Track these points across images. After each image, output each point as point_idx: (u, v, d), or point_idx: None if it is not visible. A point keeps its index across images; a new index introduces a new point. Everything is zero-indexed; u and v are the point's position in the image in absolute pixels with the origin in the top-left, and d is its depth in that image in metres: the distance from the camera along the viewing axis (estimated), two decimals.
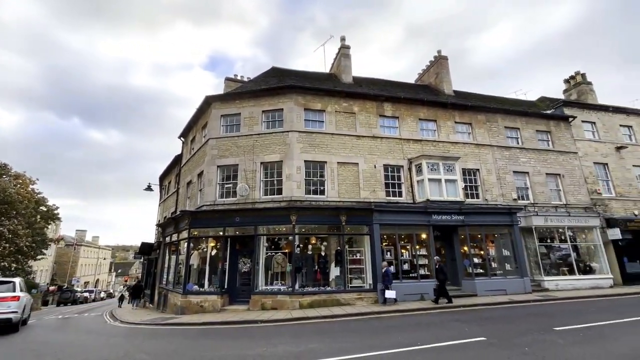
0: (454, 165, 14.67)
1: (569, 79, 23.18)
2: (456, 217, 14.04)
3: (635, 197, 18.07)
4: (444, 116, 16.33)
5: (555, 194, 16.79)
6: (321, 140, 14.11)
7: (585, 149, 18.16)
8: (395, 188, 14.63)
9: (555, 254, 15.65)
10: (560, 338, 6.53)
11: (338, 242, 13.08)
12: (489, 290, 13.36)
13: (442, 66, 19.51)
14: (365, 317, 10.03)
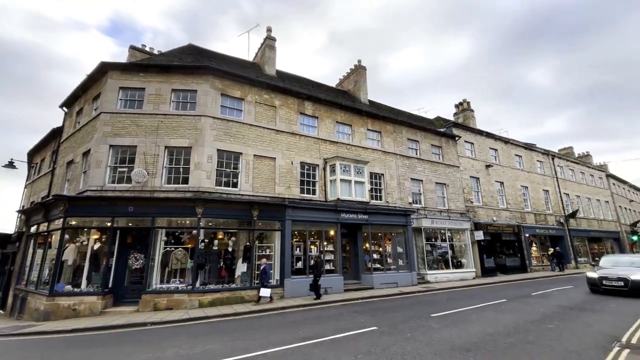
0: (364, 169, 15.81)
1: (458, 104, 27.56)
2: (361, 216, 15.15)
3: (495, 206, 22.57)
4: (359, 122, 17.45)
5: (441, 200, 19.70)
6: (238, 130, 13.43)
7: (465, 164, 21.83)
8: (310, 186, 14.95)
9: (437, 251, 18.37)
10: (435, 323, 7.62)
11: (248, 238, 12.66)
12: (384, 283, 14.83)
13: (360, 75, 20.84)
14: (269, 313, 9.93)
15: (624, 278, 11.00)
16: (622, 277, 11.08)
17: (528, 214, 24.80)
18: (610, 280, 11.34)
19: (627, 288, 10.84)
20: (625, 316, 8.08)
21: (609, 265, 12.71)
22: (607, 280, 11.44)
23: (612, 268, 12.11)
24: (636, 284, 10.72)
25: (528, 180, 26.13)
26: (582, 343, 5.87)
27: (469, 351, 5.47)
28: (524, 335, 6.42)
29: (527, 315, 8.37)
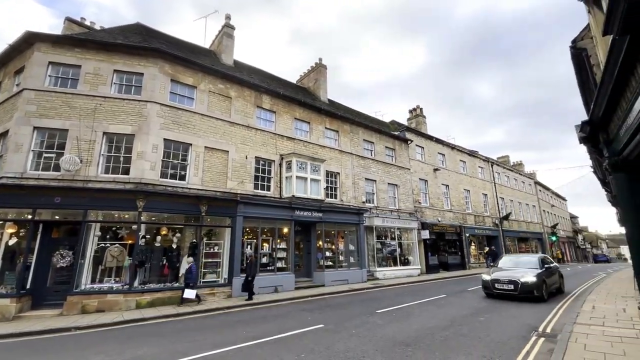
0: (320, 167, 15.84)
1: (412, 110, 28.90)
2: (316, 214, 15.18)
3: (440, 207, 24.10)
4: (317, 120, 17.45)
5: (392, 201, 20.51)
6: (188, 119, 12.62)
7: (415, 167, 22.99)
8: (264, 182, 14.59)
9: (387, 249, 19.11)
10: (380, 319, 7.85)
11: (195, 234, 11.99)
12: (335, 280, 15.04)
13: (321, 74, 20.86)
14: (214, 313, 9.49)
15: (515, 281, 10.09)
16: (513, 279, 10.16)
17: (469, 215, 26.89)
18: (502, 284, 10.36)
19: (516, 292, 9.96)
20: (544, 308, 9.07)
21: (509, 265, 11.66)
22: (498, 283, 10.46)
23: (506, 270, 11.07)
24: (526, 287, 9.85)
25: (470, 184, 28.32)
26: (506, 334, 6.43)
27: (409, 346, 5.69)
28: (458, 328, 6.86)
29: (463, 309, 9.00)
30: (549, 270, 11.18)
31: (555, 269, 12.10)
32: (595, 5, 6.69)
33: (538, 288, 9.90)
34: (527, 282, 9.96)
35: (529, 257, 12.36)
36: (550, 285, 10.85)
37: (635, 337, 5.68)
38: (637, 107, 4.83)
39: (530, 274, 10.26)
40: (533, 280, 9.98)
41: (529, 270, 10.55)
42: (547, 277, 10.63)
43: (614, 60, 4.67)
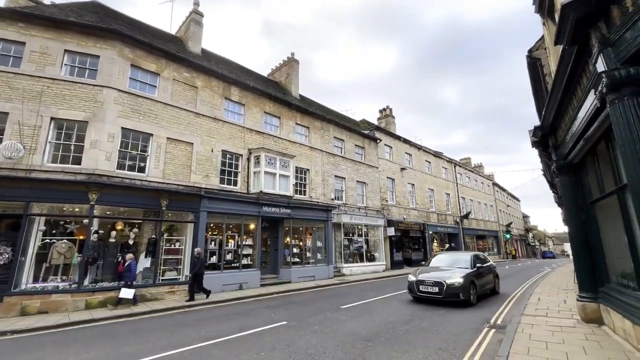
0: (290, 163, 15.67)
1: (382, 110, 29.52)
2: (284, 210, 15.02)
3: (406, 206, 24.89)
4: (288, 115, 17.22)
5: (360, 198, 20.83)
6: (150, 108, 11.89)
7: (383, 165, 23.52)
8: (231, 176, 14.15)
9: (354, 245, 19.40)
10: (344, 315, 7.92)
11: (154, 230, 11.37)
12: (302, 277, 15.01)
13: (292, 68, 20.60)
14: (173, 312, 9.06)
15: (440, 282, 8.83)
16: (439, 281, 8.90)
17: (432, 214, 28.04)
18: (427, 285, 9.07)
19: (441, 296, 8.70)
20: (495, 300, 9.65)
21: (439, 265, 10.54)
22: (423, 285, 9.15)
23: (434, 271, 9.78)
24: (452, 290, 8.64)
25: (434, 184, 29.51)
26: (462, 326, 6.74)
27: (370, 340, 5.78)
28: (418, 322, 7.09)
29: (424, 304, 9.33)
30: (481, 270, 10.07)
31: (489, 268, 11.03)
32: (549, 17, 7.15)
33: (465, 290, 8.70)
34: (453, 284, 8.72)
35: (460, 256, 11.10)
36: (482, 286, 9.80)
37: (573, 326, 6.19)
38: (580, 115, 5.22)
39: (458, 274, 9.03)
40: (459, 281, 8.77)
41: (458, 271, 9.33)
42: (477, 278, 9.57)
43: (563, 70, 5.00)
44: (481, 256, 11.40)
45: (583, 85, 4.70)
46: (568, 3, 3.49)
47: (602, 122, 4.63)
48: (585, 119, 5.01)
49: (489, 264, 11.32)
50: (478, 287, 9.48)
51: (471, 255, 10.52)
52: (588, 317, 6.33)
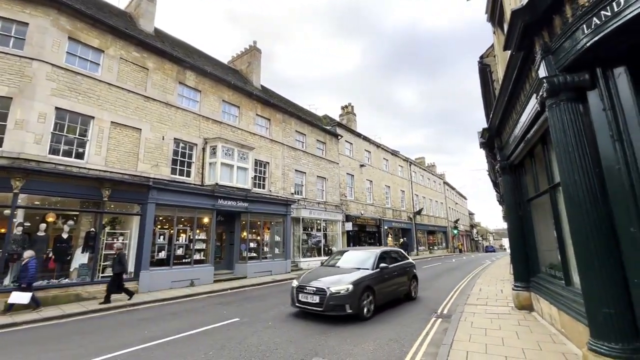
0: (249, 155, 15.17)
1: (344, 107, 29.89)
2: (241, 204, 14.54)
3: (363, 201, 25.54)
4: (248, 105, 16.64)
5: (320, 193, 20.91)
6: (91, 87, 10.70)
7: (343, 162, 23.85)
8: (184, 166, 13.33)
9: (312, 240, 19.47)
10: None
11: (94, 222, 10.33)
12: (258, 272, 14.70)
13: (254, 57, 19.93)
14: (114, 312, 8.31)
15: (322, 290, 6.73)
16: (321, 288, 6.79)
17: (388, 210, 29.12)
18: (307, 294, 6.93)
19: (322, 308, 6.61)
20: (441, 290, 10.26)
21: (345, 264, 8.20)
22: (303, 293, 7.00)
23: (322, 274, 7.58)
24: (335, 299, 6.54)
25: (391, 181, 30.64)
26: (411, 317, 7.03)
27: (324, 334, 5.77)
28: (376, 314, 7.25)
29: None
30: (387, 271, 7.85)
31: (402, 269, 8.75)
32: (499, 27, 7.64)
33: (353, 300, 6.54)
34: (339, 293, 6.54)
35: (365, 253, 8.54)
36: (387, 293, 7.74)
37: (509, 313, 6.75)
38: (522, 119, 5.63)
39: (349, 278, 6.93)
40: (347, 288, 6.60)
41: (352, 274, 7.20)
42: (379, 283, 7.39)
43: (509, 75, 5.33)
44: (393, 253, 9.18)
45: (526, 90, 5.06)
46: (517, 9, 3.68)
47: (541, 125, 5.03)
48: (527, 122, 5.42)
49: (401, 264, 8.92)
50: (379, 294, 7.31)
51: (376, 253, 8.20)
52: (521, 305, 6.94)
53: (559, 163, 3.66)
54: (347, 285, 6.73)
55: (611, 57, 3.27)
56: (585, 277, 3.40)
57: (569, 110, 3.56)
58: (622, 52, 3.20)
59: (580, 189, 3.39)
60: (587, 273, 3.36)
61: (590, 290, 3.32)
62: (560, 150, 3.63)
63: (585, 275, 3.40)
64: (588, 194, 3.35)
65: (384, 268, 7.75)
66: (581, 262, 3.44)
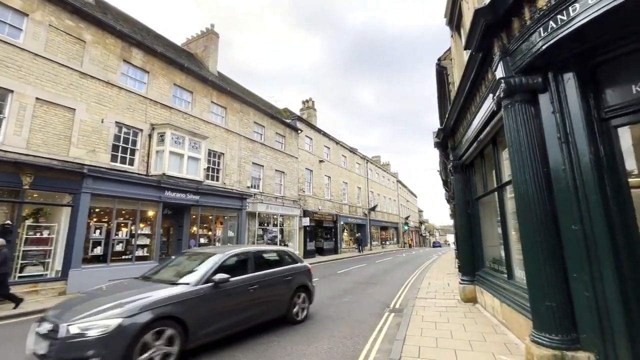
0: (201, 144, 14.23)
1: (305, 101, 29.60)
2: (192, 197, 13.60)
3: (321, 197, 25.59)
4: (203, 92, 15.59)
5: (278, 187, 20.46)
6: (10, 56, 9.11)
7: (303, 156, 23.61)
8: (127, 154, 12.07)
9: (268, 235, 18.99)
10: None
11: (9, 214, 8.88)
12: None
13: (211, 41, 18.75)
14: (16, 320, 7.17)
15: (53, 331, 3.65)
16: (53, 326, 3.68)
17: (344, 206, 29.56)
18: (35, 336, 3.81)
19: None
20: (394, 284, 10.56)
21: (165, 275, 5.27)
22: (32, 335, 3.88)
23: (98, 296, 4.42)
24: (70, 350, 3.51)
25: (348, 178, 31.13)
26: (365, 312, 7.05)
27: (276, 334, 5.50)
28: (325, 311, 7.14)
29: (331, 291, 9.57)
30: (230, 287, 4.97)
31: (281, 278, 6.05)
32: (457, 30, 7.91)
33: (113, 351, 3.59)
34: (83, 336, 3.55)
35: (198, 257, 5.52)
36: (221, 324, 4.77)
37: (455, 306, 7.07)
38: (476, 120, 5.83)
39: (129, 304, 3.95)
40: (106, 327, 3.64)
41: (154, 293, 4.28)
42: (199, 309, 4.49)
43: (467, 75, 5.48)
44: (268, 254, 6.41)
45: (482, 92, 5.24)
46: (480, 8, 3.72)
47: (494, 126, 5.25)
48: (480, 123, 5.63)
49: (277, 270, 6.08)
50: (205, 326, 4.55)
51: (218, 258, 5.23)
52: (467, 297, 7.32)
53: (512, 161, 3.78)
54: (109, 321, 3.67)
55: (562, 62, 3.42)
56: (530, 272, 3.56)
57: (522, 111, 3.68)
58: (573, 59, 3.36)
59: (529, 187, 3.53)
60: (532, 267, 3.51)
61: (534, 284, 3.47)
62: (513, 149, 3.75)
63: (530, 270, 3.55)
64: (536, 192, 3.50)
65: (221, 282, 4.80)
66: (527, 257, 3.59)
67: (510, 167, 3.88)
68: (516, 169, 3.68)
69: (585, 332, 3.14)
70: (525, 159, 3.60)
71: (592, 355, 3.07)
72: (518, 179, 3.66)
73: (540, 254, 3.40)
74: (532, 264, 3.49)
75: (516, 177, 3.69)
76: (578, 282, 3.20)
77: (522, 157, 3.62)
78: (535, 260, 3.44)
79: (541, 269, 3.38)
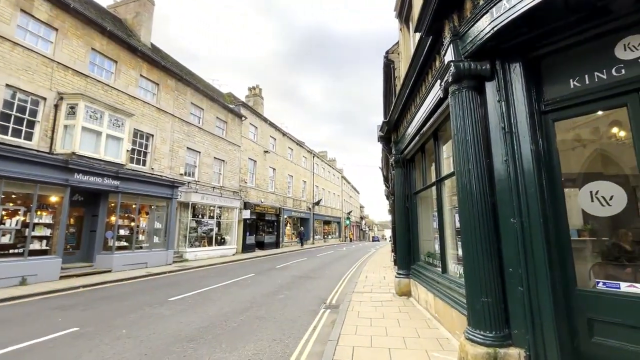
0: (125, 122, 12.37)
1: (251, 88, 28.17)
2: (110, 182, 11.75)
3: (265, 189, 24.65)
4: (130, 63, 13.57)
5: (216, 177, 19.03)
6: None
7: (246, 145, 22.38)
8: (22, 125, 9.86)
9: (203, 228, 17.56)
10: (169, 309, 6.52)
11: None
12: (129, 264, 12.25)
13: (145, 8, 16.51)
14: None
15: None
16: None
17: (289, 199, 29.00)
18: None
19: None
20: (332, 278, 10.36)
21: None
22: None
23: None
24: None
25: (294, 171, 30.59)
26: (300, 309, 6.61)
27: (193, 340, 4.74)
28: (256, 310, 6.52)
29: (266, 287, 8.97)
30: None
31: None
32: (406, 23, 7.82)
33: None
34: None
35: None
36: None
37: (390, 300, 7.02)
38: (421, 111, 5.71)
39: None
40: None
41: None
42: None
43: (414, 64, 5.28)
44: None
45: (428, 82, 5.08)
46: None
47: (437, 117, 5.13)
48: (425, 114, 5.49)
49: None
50: None
51: None
52: (402, 291, 7.33)
53: (455, 151, 3.59)
54: None
55: (510, 49, 3.30)
56: (468, 266, 3.40)
57: (469, 99, 3.50)
58: (520, 46, 3.24)
59: (472, 177, 3.36)
60: (470, 262, 3.35)
61: (472, 279, 3.32)
62: (457, 139, 3.56)
63: (468, 264, 3.39)
64: (478, 183, 3.34)
65: None
66: (466, 252, 3.43)
67: (453, 157, 3.70)
68: (459, 158, 3.50)
69: (517, 328, 3.05)
70: (469, 148, 3.42)
71: (522, 351, 2.99)
72: (461, 169, 3.48)
73: (480, 248, 3.25)
74: (471, 259, 3.33)
75: (459, 167, 3.51)
76: (514, 276, 3.11)
77: (466, 147, 3.43)
78: (474, 254, 3.28)
79: (480, 263, 3.23)
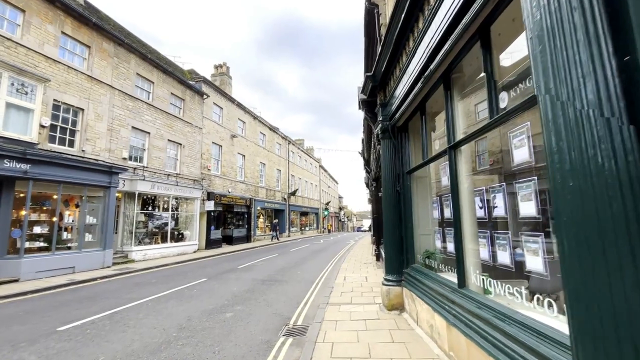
0: (37, 89, 9.64)
1: (217, 66, 25.31)
2: (15, 165, 9.07)
3: (232, 178, 22.20)
4: (46, 15, 10.70)
5: (172, 162, 16.43)
6: None
7: (209, 128, 19.76)
8: None
9: (155, 222, 15.01)
10: (48, 347, 4.27)
11: None
12: (47, 270, 9.70)
13: None
14: None
15: None
16: None
17: (261, 189, 26.69)
18: None
19: None
20: (303, 282, 8.40)
21: None
22: None
23: None
24: None
25: (267, 158, 28.21)
26: (249, 341, 4.58)
27: None
28: (181, 346, 4.40)
29: (214, 300, 6.87)
30: None
31: None
32: None
33: None
34: None
35: None
36: None
37: (377, 319, 5.12)
38: (411, 67, 3.79)
39: None
40: None
41: None
42: None
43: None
44: None
45: (418, 28, 3.10)
46: None
47: (453, 44, 3.17)
48: (427, 53, 3.57)
49: None
50: None
51: None
52: (391, 304, 5.43)
53: None
54: None
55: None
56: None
57: None
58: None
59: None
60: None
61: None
62: None
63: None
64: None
65: None
66: None
67: None
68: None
69: None
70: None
71: None
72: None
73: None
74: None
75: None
76: None
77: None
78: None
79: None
